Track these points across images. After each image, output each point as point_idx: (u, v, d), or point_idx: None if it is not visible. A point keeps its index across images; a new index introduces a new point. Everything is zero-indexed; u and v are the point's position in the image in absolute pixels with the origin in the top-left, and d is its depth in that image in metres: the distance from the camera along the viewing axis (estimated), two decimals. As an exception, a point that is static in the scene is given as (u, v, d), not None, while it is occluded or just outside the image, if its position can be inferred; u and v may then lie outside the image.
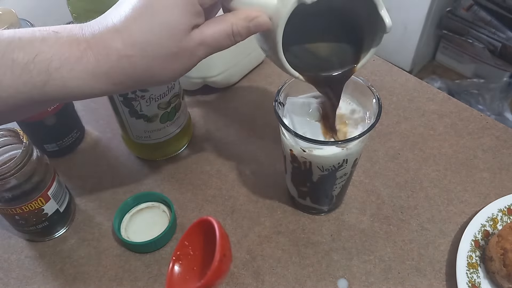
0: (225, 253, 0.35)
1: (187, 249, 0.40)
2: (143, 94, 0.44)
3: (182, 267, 0.40)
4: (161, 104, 0.47)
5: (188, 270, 0.40)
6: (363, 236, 0.46)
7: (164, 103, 0.47)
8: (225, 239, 0.36)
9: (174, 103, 0.48)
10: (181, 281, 0.39)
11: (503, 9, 1.35)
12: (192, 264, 0.40)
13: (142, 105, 0.45)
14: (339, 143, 0.36)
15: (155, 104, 0.46)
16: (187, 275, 0.40)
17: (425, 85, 0.62)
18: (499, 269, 0.40)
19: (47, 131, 0.51)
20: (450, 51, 1.52)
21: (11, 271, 0.45)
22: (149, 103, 0.45)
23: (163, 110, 0.47)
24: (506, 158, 0.52)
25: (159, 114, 0.47)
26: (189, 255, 0.40)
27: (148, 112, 0.47)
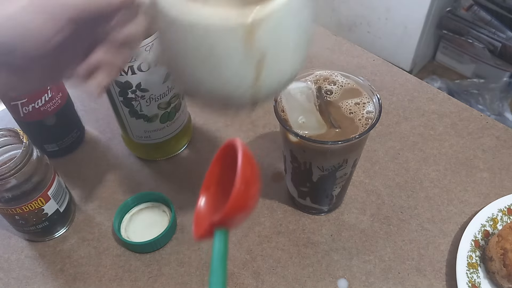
0: (248, 180, 0.28)
1: (213, 180, 0.33)
2: (143, 94, 0.44)
3: (209, 201, 0.34)
4: (161, 104, 0.47)
5: (215, 205, 0.33)
6: (363, 236, 0.46)
7: (164, 103, 0.47)
8: (249, 162, 0.28)
9: (174, 103, 0.48)
10: (207, 215, 0.33)
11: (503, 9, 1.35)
12: (219, 198, 0.33)
13: (142, 105, 0.45)
14: (339, 143, 0.36)
15: (155, 104, 0.46)
16: (214, 209, 0.33)
17: (425, 85, 0.62)
18: (499, 269, 0.40)
19: (47, 131, 0.51)
20: (450, 51, 1.52)
21: (11, 271, 0.45)
22: (149, 103, 0.45)
23: (163, 110, 0.47)
24: (506, 158, 0.52)
25: (159, 114, 0.47)
26: (217, 186, 0.34)
27: (148, 112, 0.46)
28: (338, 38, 0.70)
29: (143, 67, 0.42)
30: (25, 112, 0.48)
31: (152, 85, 0.44)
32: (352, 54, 0.67)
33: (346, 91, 0.41)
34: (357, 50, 0.67)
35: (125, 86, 0.43)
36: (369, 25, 1.53)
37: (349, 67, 0.65)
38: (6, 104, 0.48)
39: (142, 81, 0.43)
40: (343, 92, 0.41)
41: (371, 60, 0.66)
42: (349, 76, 0.42)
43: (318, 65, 0.65)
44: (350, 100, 0.40)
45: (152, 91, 0.45)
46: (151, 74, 0.43)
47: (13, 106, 0.47)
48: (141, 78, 0.43)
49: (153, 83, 0.44)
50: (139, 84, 0.43)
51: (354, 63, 0.65)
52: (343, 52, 0.67)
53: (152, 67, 0.43)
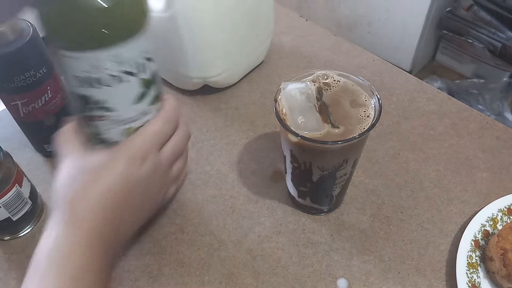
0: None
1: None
2: (104, 114, 0.37)
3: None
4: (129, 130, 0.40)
5: None
6: (363, 236, 0.46)
7: (134, 129, 0.39)
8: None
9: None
10: None
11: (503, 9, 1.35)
12: None
13: (101, 127, 0.38)
14: (339, 143, 0.36)
15: (118, 129, 0.39)
16: None
17: (425, 85, 0.62)
18: (499, 269, 0.40)
19: (47, 131, 0.51)
20: (450, 51, 1.52)
21: (11, 271, 0.45)
22: (111, 126, 0.39)
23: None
24: (506, 158, 0.52)
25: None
26: None
27: (110, 137, 0.39)
28: (338, 38, 0.70)
29: (106, 81, 0.33)
30: (25, 112, 0.48)
31: (118, 104, 0.35)
32: (352, 54, 0.67)
33: (346, 91, 0.41)
34: (357, 50, 0.67)
35: (83, 100, 0.34)
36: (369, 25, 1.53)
37: (349, 67, 0.65)
38: (6, 104, 0.48)
39: (103, 98, 0.34)
40: (343, 92, 0.41)
41: (371, 60, 0.66)
42: (349, 76, 0.42)
43: (318, 65, 0.65)
44: (350, 100, 0.40)
45: (118, 111, 0.35)
46: (118, 89, 0.34)
47: (13, 106, 0.47)
48: (103, 93, 0.34)
49: (120, 102, 0.35)
50: (99, 100, 0.34)
51: (354, 63, 0.65)
52: (343, 52, 0.68)
53: (119, 81, 0.34)
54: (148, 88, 0.36)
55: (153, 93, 0.37)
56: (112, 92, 0.34)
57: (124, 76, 0.34)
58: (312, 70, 0.42)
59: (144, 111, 0.37)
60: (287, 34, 0.71)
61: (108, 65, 0.32)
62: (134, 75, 0.34)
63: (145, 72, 0.35)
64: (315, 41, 0.70)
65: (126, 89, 0.34)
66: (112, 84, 0.33)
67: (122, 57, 0.33)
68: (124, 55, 0.33)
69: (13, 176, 0.44)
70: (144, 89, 0.36)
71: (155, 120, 0.37)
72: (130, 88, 0.35)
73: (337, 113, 0.39)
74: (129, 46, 0.33)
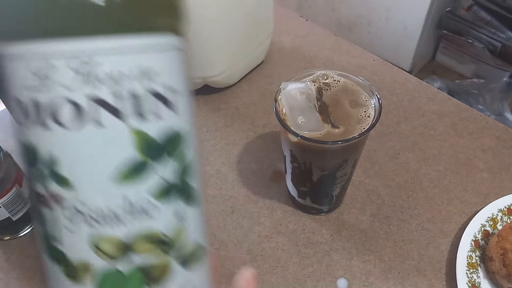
0: None
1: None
2: (61, 192, 0.20)
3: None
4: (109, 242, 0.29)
5: None
6: (363, 236, 0.46)
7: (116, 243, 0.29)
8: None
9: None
10: None
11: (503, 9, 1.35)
12: None
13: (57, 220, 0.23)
14: (339, 143, 0.36)
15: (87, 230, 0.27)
16: None
17: (425, 85, 0.62)
18: (499, 269, 0.40)
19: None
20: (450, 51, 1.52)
21: (11, 271, 0.45)
22: (74, 222, 0.23)
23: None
24: (506, 158, 0.52)
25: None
26: None
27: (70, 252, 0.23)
28: (338, 38, 0.70)
29: (66, 114, 0.17)
30: (25, 112, 0.48)
31: (82, 174, 0.18)
32: (352, 54, 0.67)
33: (346, 91, 0.41)
34: (357, 50, 0.67)
35: (27, 155, 0.19)
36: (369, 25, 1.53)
37: (349, 67, 0.65)
38: (6, 104, 0.48)
39: (57, 153, 0.17)
40: (343, 92, 0.41)
41: (371, 60, 0.66)
42: (349, 76, 0.42)
43: (318, 65, 0.65)
44: (350, 100, 0.40)
45: (82, 189, 0.18)
46: (85, 139, 0.17)
47: (13, 106, 0.47)
48: (57, 145, 0.17)
49: (86, 169, 0.18)
50: (50, 158, 0.18)
51: (354, 63, 0.65)
52: (343, 52, 0.67)
53: (93, 123, 0.17)
54: (154, 158, 0.18)
55: (169, 173, 0.19)
56: (75, 143, 0.17)
57: (105, 112, 0.17)
58: (312, 70, 0.42)
59: (137, 205, 0.18)
60: (287, 34, 0.71)
61: (71, 79, 0.17)
62: (127, 117, 0.17)
63: (159, 119, 0.18)
64: (315, 41, 0.70)
65: (102, 143, 0.17)
66: (75, 125, 0.17)
67: (116, 68, 0.17)
68: (121, 64, 0.17)
69: (13, 176, 0.44)
70: (144, 156, 0.18)
71: None
72: (112, 144, 0.17)
73: (337, 113, 0.39)
74: (141, 49, 0.18)
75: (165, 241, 0.19)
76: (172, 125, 0.19)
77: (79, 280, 0.19)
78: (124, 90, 0.17)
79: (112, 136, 0.17)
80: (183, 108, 0.20)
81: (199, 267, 0.21)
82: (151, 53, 0.18)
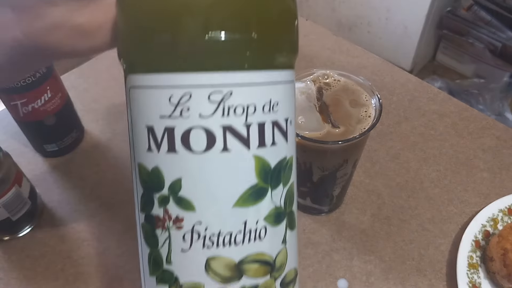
0: None
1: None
2: None
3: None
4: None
5: None
6: (364, 236, 0.46)
7: None
8: None
9: None
10: None
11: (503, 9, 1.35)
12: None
13: None
14: (339, 143, 0.36)
15: None
16: None
17: (425, 85, 0.62)
18: (500, 269, 0.40)
19: (47, 131, 0.51)
20: (451, 51, 1.52)
21: (11, 271, 0.45)
22: None
23: None
24: (507, 158, 0.52)
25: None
26: None
27: None
28: (338, 38, 0.70)
29: (198, 139, 0.18)
30: (24, 112, 0.48)
31: (206, 198, 0.19)
32: (353, 54, 0.67)
33: (346, 91, 0.41)
34: (357, 50, 0.67)
35: (149, 180, 0.20)
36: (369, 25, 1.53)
37: (350, 67, 0.65)
38: (6, 104, 0.48)
39: (182, 176, 0.19)
40: (344, 92, 0.41)
41: (371, 60, 0.65)
42: (349, 76, 0.42)
43: (318, 65, 0.65)
44: (350, 100, 0.40)
45: (203, 213, 0.19)
46: (211, 164, 0.19)
47: (13, 106, 0.47)
48: (184, 168, 0.19)
49: (210, 192, 0.19)
50: (176, 183, 0.19)
51: (354, 63, 0.65)
52: (343, 52, 0.67)
53: (220, 148, 0.18)
54: (270, 183, 0.19)
55: (280, 198, 0.20)
56: (202, 167, 0.18)
57: (234, 140, 0.18)
58: (312, 70, 0.42)
59: (253, 228, 0.19)
60: (287, 34, 0.71)
61: (208, 109, 0.18)
62: (252, 145, 0.19)
63: (275, 146, 0.19)
64: (315, 41, 0.70)
65: (227, 168, 0.18)
66: (204, 151, 0.18)
67: (249, 100, 0.18)
68: (254, 96, 0.18)
69: (12, 176, 0.43)
70: (262, 182, 0.19)
71: None
72: (236, 169, 0.19)
73: (337, 113, 0.39)
74: (265, 80, 0.19)
75: (271, 264, 0.20)
76: (284, 151, 0.20)
77: None
78: (253, 120, 0.18)
79: (237, 162, 0.18)
80: (291, 136, 0.21)
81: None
82: (277, 87, 0.19)
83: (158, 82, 0.18)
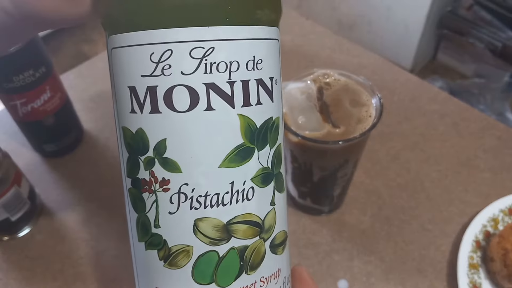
0: None
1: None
2: None
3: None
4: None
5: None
6: (364, 237, 0.45)
7: None
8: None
9: None
10: None
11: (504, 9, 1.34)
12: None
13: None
14: (340, 143, 0.36)
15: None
16: None
17: (426, 84, 0.61)
18: (500, 270, 0.40)
19: (46, 131, 0.51)
20: (451, 50, 1.52)
21: (10, 271, 0.45)
22: None
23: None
24: (507, 158, 0.52)
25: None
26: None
27: None
28: (338, 37, 0.70)
29: (182, 97, 0.18)
30: (24, 112, 0.48)
31: (193, 157, 0.19)
32: (353, 54, 0.67)
33: (346, 90, 0.41)
34: (358, 50, 0.67)
35: (133, 143, 0.19)
36: (369, 24, 1.53)
37: (350, 66, 0.64)
38: (5, 104, 0.48)
39: (168, 136, 0.18)
40: (344, 91, 0.41)
41: (372, 60, 0.65)
42: (349, 75, 0.42)
43: (319, 64, 0.65)
44: (350, 99, 0.40)
45: (191, 173, 0.19)
46: (195, 123, 0.18)
47: (12, 106, 0.47)
48: (169, 128, 0.18)
49: (198, 151, 0.19)
50: (161, 144, 0.19)
51: (354, 63, 0.65)
52: (344, 51, 0.67)
53: (204, 106, 0.18)
54: (256, 143, 0.19)
55: (267, 159, 0.20)
56: (186, 127, 0.18)
57: (218, 98, 0.18)
58: (313, 70, 0.42)
59: (240, 189, 0.19)
60: (287, 33, 0.71)
61: (191, 66, 0.17)
62: (236, 103, 0.18)
63: (261, 105, 0.19)
64: (315, 40, 0.70)
65: (212, 127, 0.18)
66: (188, 110, 0.18)
67: (232, 56, 0.18)
68: (237, 52, 0.18)
69: (12, 176, 0.43)
70: (248, 142, 0.19)
71: None
72: (221, 128, 0.18)
73: (337, 113, 0.39)
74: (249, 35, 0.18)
75: (259, 225, 0.20)
76: (270, 112, 0.20)
77: (177, 265, 0.19)
78: (236, 77, 0.18)
79: (222, 121, 0.18)
80: (277, 96, 0.20)
81: (285, 254, 0.21)
82: (261, 44, 0.19)
83: (138, 40, 0.18)
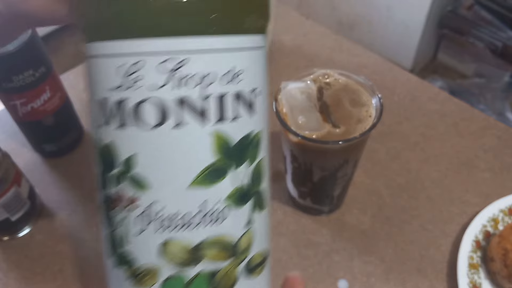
0: None
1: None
2: None
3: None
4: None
5: None
6: (364, 237, 0.45)
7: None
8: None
9: None
10: None
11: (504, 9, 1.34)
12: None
13: None
14: (340, 143, 0.36)
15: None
16: None
17: (426, 84, 0.61)
18: (500, 270, 0.40)
19: (46, 131, 0.51)
20: (451, 50, 1.51)
21: (10, 271, 0.45)
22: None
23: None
24: (507, 158, 0.52)
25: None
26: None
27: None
28: (338, 37, 0.70)
29: (149, 113, 0.17)
30: (23, 112, 0.47)
31: (159, 176, 0.18)
32: (353, 53, 0.67)
33: (347, 90, 0.41)
34: (358, 49, 0.67)
35: (103, 155, 0.19)
36: (369, 24, 1.53)
37: (350, 66, 0.64)
38: (5, 104, 0.48)
39: (135, 153, 0.17)
40: (344, 91, 0.41)
41: (372, 59, 0.65)
42: (349, 75, 0.42)
43: (319, 64, 0.65)
44: (351, 99, 0.40)
45: (157, 191, 0.18)
46: (162, 140, 0.17)
47: (12, 106, 0.47)
48: (135, 144, 0.18)
49: (163, 171, 0.18)
50: (129, 160, 0.18)
51: (354, 62, 0.65)
52: (344, 51, 0.67)
53: (175, 123, 0.17)
54: (232, 161, 0.18)
55: (245, 176, 0.19)
56: (156, 143, 0.17)
57: (190, 113, 0.17)
58: (313, 69, 0.42)
59: (212, 209, 0.18)
60: (287, 33, 0.71)
61: (160, 78, 0.16)
62: (209, 119, 0.17)
63: (239, 119, 0.18)
64: (315, 40, 0.70)
65: (183, 144, 0.17)
66: (158, 125, 0.17)
67: (205, 68, 0.17)
68: (211, 64, 0.17)
69: (11, 176, 0.43)
70: (222, 159, 0.18)
71: None
72: (192, 145, 0.17)
73: (337, 113, 0.39)
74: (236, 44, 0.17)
75: (232, 248, 0.19)
76: (250, 126, 0.19)
77: (144, 284, 0.18)
78: (211, 92, 0.17)
79: (192, 138, 0.17)
80: (260, 109, 0.19)
81: (262, 275, 0.21)
82: (242, 54, 0.17)
83: (110, 50, 0.16)
